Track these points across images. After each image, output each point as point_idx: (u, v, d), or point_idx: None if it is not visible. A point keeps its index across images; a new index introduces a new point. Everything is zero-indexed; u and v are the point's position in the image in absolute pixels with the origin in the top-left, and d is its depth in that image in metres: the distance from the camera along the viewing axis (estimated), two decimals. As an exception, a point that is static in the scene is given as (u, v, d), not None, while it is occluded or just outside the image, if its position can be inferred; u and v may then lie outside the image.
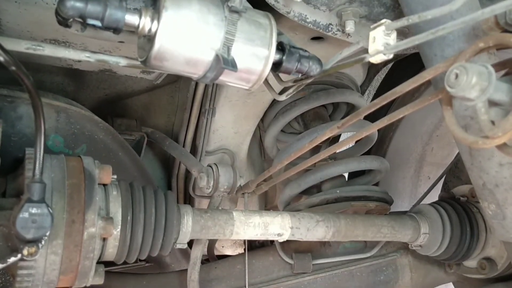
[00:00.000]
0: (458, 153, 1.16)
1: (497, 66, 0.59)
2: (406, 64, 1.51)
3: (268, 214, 0.98)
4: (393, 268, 1.28)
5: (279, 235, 0.98)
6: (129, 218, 0.80)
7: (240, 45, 0.61)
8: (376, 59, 0.63)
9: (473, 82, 0.52)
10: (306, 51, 0.73)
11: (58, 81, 1.16)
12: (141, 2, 0.75)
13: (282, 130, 1.35)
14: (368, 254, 1.26)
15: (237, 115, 1.29)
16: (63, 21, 0.58)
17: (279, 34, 0.69)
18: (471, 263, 1.22)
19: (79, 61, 0.92)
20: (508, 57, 0.62)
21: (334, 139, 1.51)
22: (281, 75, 0.79)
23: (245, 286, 1.16)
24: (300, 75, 0.74)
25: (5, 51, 0.56)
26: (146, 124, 1.35)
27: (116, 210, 0.79)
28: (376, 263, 1.27)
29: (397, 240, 1.17)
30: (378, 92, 1.75)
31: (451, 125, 0.57)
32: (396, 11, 0.84)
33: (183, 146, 1.34)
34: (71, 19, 0.57)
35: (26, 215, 0.62)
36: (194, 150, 1.35)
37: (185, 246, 0.91)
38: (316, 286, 1.21)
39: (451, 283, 1.37)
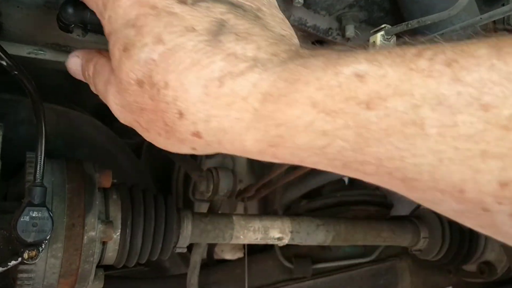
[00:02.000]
0: (458, 158, 1.17)
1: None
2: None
3: (268, 218, 0.98)
4: (392, 272, 1.28)
5: (279, 239, 0.98)
6: (128, 222, 0.80)
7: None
8: (375, 63, 0.63)
9: (472, 86, 0.52)
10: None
11: (58, 85, 1.16)
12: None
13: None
14: (368, 259, 1.26)
15: (237, 119, 1.30)
16: (65, 27, 0.58)
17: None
18: (471, 267, 1.22)
19: (80, 65, 0.92)
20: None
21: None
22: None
23: (245, 290, 1.16)
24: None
25: (8, 55, 0.57)
26: (146, 128, 1.35)
27: (116, 214, 0.79)
28: (376, 267, 1.27)
29: (397, 244, 1.17)
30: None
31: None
32: (396, 15, 0.84)
33: (183, 150, 1.34)
34: (73, 25, 0.58)
35: (27, 218, 0.62)
36: (193, 154, 1.35)
37: (185, 250, 0.91)
38: (316, 290, 1.21)
39: (450, 287, 1.38)
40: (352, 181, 1.51)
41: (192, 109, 0.35)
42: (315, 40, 0.99)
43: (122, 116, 0.44)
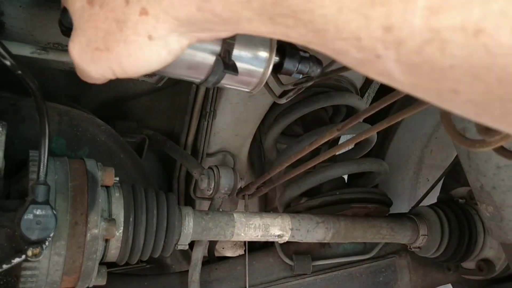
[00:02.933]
0: (457, 156, 1.17)
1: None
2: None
3: (268, 215, 0.99)
4: (392, 269, 1.29)
5: (279, 236, 0.99)
6: (131, 219, 0.81)
7: (241, 49, 0.62)
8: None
9: (470, 86, 0.53)
10: (306, 52, 0.73)
11: (60, 84, 1.16)
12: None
13: (282, 133, 1.36)
14: (367, 256, 1.27)
15: (237, 118, 1.30)
16: (66, 31, 0.59)
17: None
18: (470, 264, 1.23)
19: (82, 64, 0.93)
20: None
21: (334, 142, 1.52)
22: (281, 78, 0.80)
23: (246, 287, 1.17)
24: (301, 76, 0.74)
25: (12, 55, 0.57)
26: (148, 127, 1.36)
27: (119, 212, 0.80)
28: (375, 264, 1.28)
29: (396, 241, 1.18)
30: (378, 95, 1.76)
31: (449, 128, 0.58)
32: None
33: (184, 148, 1.35)
34: None
35: (30, 216, 0.63)
36: (195, 152, 1.35)
37: (186, 247, 0.92)
38: (315, 287, 1.22)
39: (449, 284, 1.38)
40: (352, 179, 1.52)
41: None
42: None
43: (84, 56, 0.47)
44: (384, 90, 1.68)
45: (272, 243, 1.26)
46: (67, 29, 0.56)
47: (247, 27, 0.37)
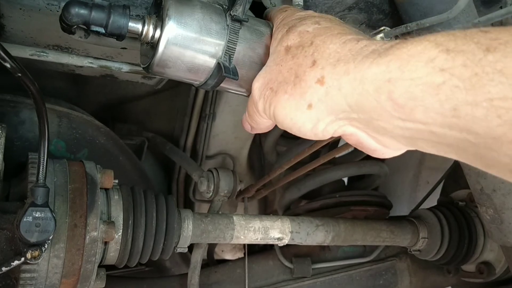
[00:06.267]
0: (457, 158, 1.17)
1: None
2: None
3: (268, 218, 0.99)
4: (392, 272, 1.29)
5: (279, 239, 0.99)
6: (130, 222, 0.80)
7: (241, 54, 0.62)
8: (375, 66, 0.63)
9: (470, 89, 0.53)
10: (306, 57, 0.74)
11: (60, 86, 1.16)
12: (144, 9, 0.76)
13: (282, 135, 1.36)
14: (367, 258, 1.27)
15: (237, 120, 1.30)
16: (67, 28, 0.59)
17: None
18: (470, 267, 1.23)
19: (81, 66, 0.93)
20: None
21: (334, 144, 1.52)
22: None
23: (245, 290, 1.17)
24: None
25: (11, 58, 0.57)
26: (147, 129, 1.36)
27: (118, 214, 0.80)
28: (375, 267, 1.27)
29: (396, 244, 1.18)
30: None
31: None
32: (395, 18, 0.85)
33: (184, 151, 1.35)
34: (75, 26, 0.58)
35: (30, 219, 0.63)
36: (194, 155, 1.35)
37: (186, 250, 0.91)
38: (315, 290, 1.22)
39: (449, 287, 1.38)
40: (351, 181, 1.52)
41: (326, 56, 0.45)
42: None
43: (261, 90, 0.53)
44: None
45: (272, 246, 1.25)
46: (67, 26, 0.56)
47: (418, 112, 0.38)
